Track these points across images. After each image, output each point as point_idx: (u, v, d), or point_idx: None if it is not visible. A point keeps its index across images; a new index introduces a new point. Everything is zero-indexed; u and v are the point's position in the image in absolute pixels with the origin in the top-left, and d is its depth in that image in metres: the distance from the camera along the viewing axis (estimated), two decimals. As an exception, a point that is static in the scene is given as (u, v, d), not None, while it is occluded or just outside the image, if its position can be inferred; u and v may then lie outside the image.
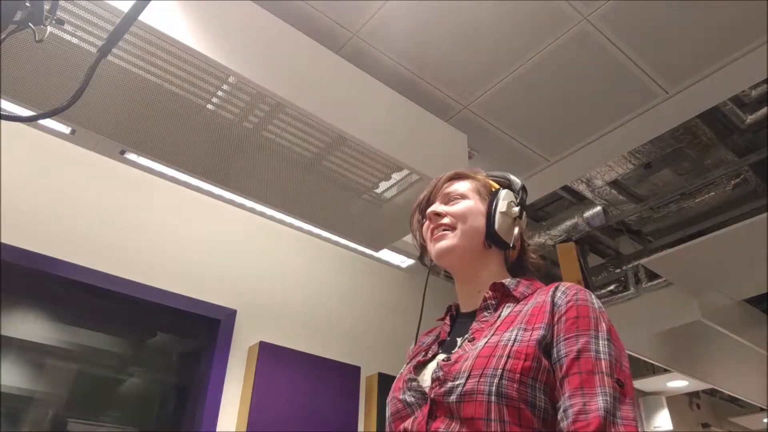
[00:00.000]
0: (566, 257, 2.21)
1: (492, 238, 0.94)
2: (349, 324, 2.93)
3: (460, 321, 0.95)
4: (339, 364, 2.66)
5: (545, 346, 0.77)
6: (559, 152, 2.51)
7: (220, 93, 1.68)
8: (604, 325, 0.78)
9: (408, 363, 0.95)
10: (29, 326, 2.02)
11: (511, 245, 0.96)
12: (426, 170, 1.97)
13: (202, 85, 1.64)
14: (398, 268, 3.18)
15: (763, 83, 2.34)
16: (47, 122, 1.75)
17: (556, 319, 0.79)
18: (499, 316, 0.85)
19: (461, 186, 1.00)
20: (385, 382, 2.80)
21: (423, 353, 0.92)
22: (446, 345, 0.91)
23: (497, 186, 1.01)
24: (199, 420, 2.18)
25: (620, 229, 3.59)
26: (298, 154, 1.91)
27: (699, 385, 4.70)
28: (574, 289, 0.83)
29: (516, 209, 0.98)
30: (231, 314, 2.46)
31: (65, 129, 1.82)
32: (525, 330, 0.78)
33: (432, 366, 0.85)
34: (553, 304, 0.81)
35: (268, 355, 2.40)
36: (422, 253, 1.05)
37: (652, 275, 3.49)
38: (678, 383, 4.59)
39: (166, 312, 2.32)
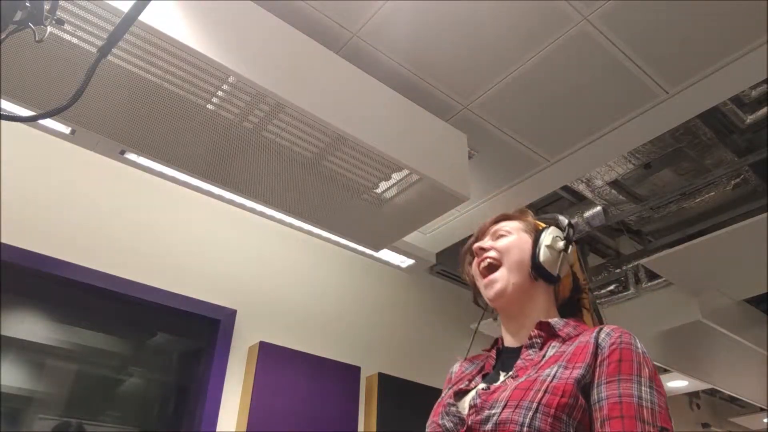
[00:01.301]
0: (566, 257, 2.21)
1: (537, 269, 0.95)
2: (349, 324, 2.93)
3: (505, 356, 0.96)
4: (339, 364, 2.66)
5: (584, 385, 0.77)
6: (559, 152, 2.51)
7: (220, 93, 1.68)
8: (647, 371, 0.78)
9: (449, 388, 0.96)
10: (29, 326, 2.02)
11: (557, 276, 0.96)
12: (426, 170, 1.97)
13: (202, 85, 1.65)
14: (398, 268, 3.18)
15: (763, 83, 2.34)
16: (47, 122, 1.75)
17: (598, 361, 0.79)
18: (544, 356, 0.86)
19: (508, 225, 1.03)
20: (384, 382, 2.80)
21: (466, 382, 0.94)
22: (489, 378, 0.92)
23: (544, 225, 1.03)
24: (199, 420, 2.18)
25: (620, 229, 3.59)
26: (298, 154, 1.91)
27: (699, 385, 4.70)
28: (619, 331, 0.83)
29: (561, 243, 0.99)
30: (231, 314, 2.46)
31: (65, 129, 1.82)
32: (565, 368, 0.79)
33: (472, 394, 0.87)
34: (596, 345, 0.82)
35: (268, 355, 2.40)
36: (475, 294, 1.06)
37: (652, 275, 3.49)
38: (678, 383, 4.59)
39: (166, 312, 2.32)
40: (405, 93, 2.14)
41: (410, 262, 3.06)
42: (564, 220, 1.06)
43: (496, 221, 1.05)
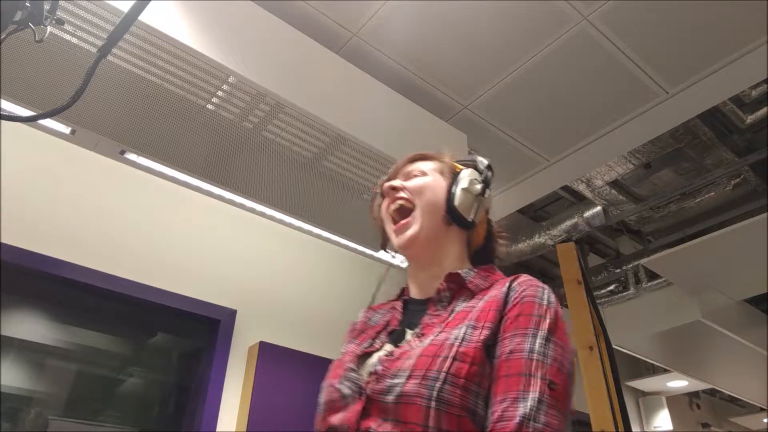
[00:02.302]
0: (566, 257, 2.20)
1: (451, 213, 0.88)
2: (349, 324, 2.92)
3: (412, 309, 0.89)
4: (339, 364, 2.66)
5: (489, 347, 0.71)
6: (559, 152, 2.51)
7: (220, 93, 1.68)
8: (547, 322, 0.71)
9: (351, 342, 0.89)
10: (29, 326, 2.02)
11: (471, 222, 0.90)
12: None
13: (202, 85, 1.64)
14: (398, 268, 3.17)
15: (763, 83, 2.34)
16: (47, 122, 1.75)
17: (503, 316, 0.74)
18: (453, 311, 0.80)
19: (423, 165, 0.95)
20: (385, 382, 2.79)
21: (369, 341, 0.86)
22: (395, 335, 0.84)
23: (461, 167, 0.96)
24: (199, 420, 2.18)
25: (620, 229, 3.59)
26: (298, 154, 1.91)
27: (699, 385, 4.70)
28: (526, 284, 0.77)
29: (479, 186, 0.93)
30: (231, 314, 2.46)
31: (65, 129, 1.82)
32: (474, 328, 0.73)
33: (375, 358, 0.79)
34: (505, 301, 0.76)
35: (268, 355, 2.40)
36: (383, 240, 0.98)
37: (652, 275, 3.49)
38: (678, 383, 4.59)
39: (166, 312, 2.32)
40: (405, 93, 2.14)
41: (410, 262, 3.05)
42: (483, 161, 0.99)
43: (412, 160, 0.97)
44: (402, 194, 0.90)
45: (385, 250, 1.00)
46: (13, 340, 1.96)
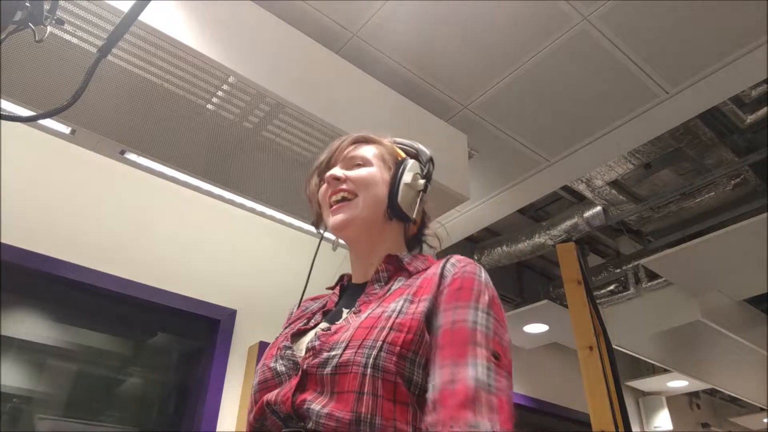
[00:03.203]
0: (566, 257, 2.21)
1: (394, 209, 0.89)
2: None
3: (349, 292, 0.91)
4: (339, 364, 2.66)
5: (428, 318, 0.72)
6: (559, 152, 2.51)
7: (220, 93, 1.68)
8: (486, 297, 0.74)
9: (285, 328, 0.89)
10: (29, 326, 2.02)
11: (413, 219, 0.91)
12: (426, 170, 1.97)
13: (202, 85, 1.64)
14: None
15: (763, 83, 2.34)
16: (47, 122, 1.75)
17: (440, 290, 0.75)
18: (389, 289, 0.81)
19: (366, 151, 0.93)
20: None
21: (305, 321, 0.87)
22: (331, 315, 0.86)
23: (404, 155, 0.96)
24: (199, 420, 2.18)
25: (620, 229, 3.59)
26: (298, 154, 1.91)
27: (699, 385, 4.70)
28: (464, 261, 0.79)
29: (421, 182, 0.93)
30: (231, 314, 2.46)
31: (65, 129, 1.82)
32: (411, 302, 0.74)
33: (311, 335, 0.79)
34: (441, 276, 0.77)
35: (268, 355, 2.40)
36: (317, 220, 0.99)
37: (652, 275, 3.49)
38: (678, 383, 4.59)
39: (166, 312, 2.32)
40: (405, 93, 2.14)
41: (410, 262, 3.05)
42: (425, 152, 0.98)
43: (354, 142, 0.94)
44: (345, 186, 0.89)
45: (317, 230, 1.01)
46: (13, 340, 1.96)
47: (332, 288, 0.96)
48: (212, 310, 2.41)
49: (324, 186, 0.92)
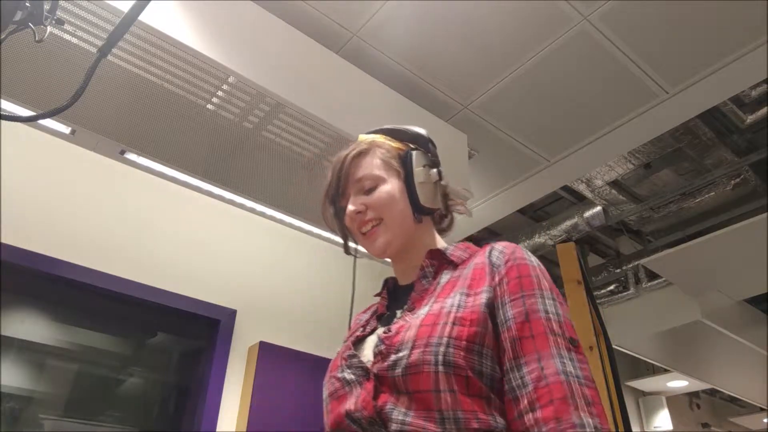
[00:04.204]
0: (566, 257, 2.21)
1: (420, 212, 0.89)
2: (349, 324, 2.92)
3: (398, 294, 0.91)
4: (339, 364, 2.66)
5: (490, 309, 0.73)
6: (559, 152, 2.51)
7: (220, 93, 1.68)
8: (546, 283, 0.75)
9: (345, 342, 0.89)
10: (29, 326, 2.02)
11: (441, 209, 0.93)
12: (426, 170, 1.97)
13: (202, 85, 1.64)
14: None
15: (763, 83, 2.34)
16: (47, 122, 1.75)
17: (497, 280, 0.75)
18: (439, 283, 0.82)
19: (369, 166, 0.90)
20: (385, 382, 2.79)
21: (361, 329, 0.87)
22: (385, 319, 0.87)
23: (402, 146, 0.94)
24: (199, 420, 2.18)
25: (620, 229, 3.59)
26: (298, 154, 1.91)
27: (699, 385, 4.70)
28: (511, 248, 0.80)
29: (434, 171, 0.92)
30: (231, 314, 2.46)
31: (65, 129, 1.82)
32: (467, 295, 0.75)
33: (372, 340, 0.80)
34: (491, 265, 0.78)
35: (268, 355, 2.40)
36: (345, 242, 0.99)
37: (652, 275, 3.49)
38: (678, 383, 4.59)
39: (166, 312, 2.32)
40: (405, 93, 2.14)
41: (410, 262, 3.05)
42: (422, 135, 0.96)
43: (355, 158, 0.92)
44: (368, 216, 0.88)
45: (347, 252, 1.01)
46: (13, 340, 1.96)
47: (379, 294, 0.96)
48: (212, 310, 2.41)
49: (347, 219, 0.91)
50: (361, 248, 0.97)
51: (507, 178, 2.66)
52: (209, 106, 1.72)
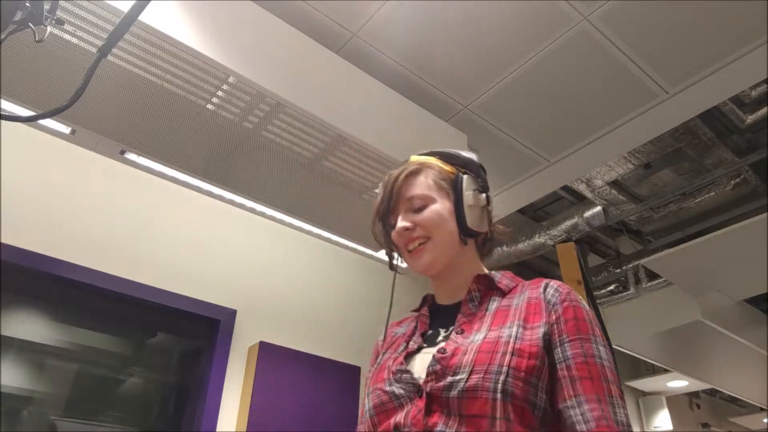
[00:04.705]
0: (566, 257, 2.21)
1: (467, 234, 0.92)
2: (349, 324, 2.93)
3: (442, 313, 0.92)
4: (339, 364, 2.66)
5: (546, 345, 0.76)
6: (559, 152, 2.51)
7: (220, 93, 1.68)
8: (597, 329, 0.79)
9: (384, 354, 0.90)
10: (29, 326, 2.02)
11: (487, 233, 0.95)
12: (426, 170, 1.97)
13: (202, 85, 1.64)
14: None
15: (763, 83, 2.34)
16: (47, 122, 1.75)
17: (554, 318, 0.78)
18: (488, 309, 0.84)
19: (420, 186, 0.93)
20: (385, 382, 2.79)
21: (405, 344, 0.88)
22: (429, 337, 0.88)
23: (453, 170, 0.96)
24: (199, 420, 2.18)
25: (620, 229, 3.59)
26: (298, 154, 1.91)
27: (699, 385, 4.70)
28: (566, 288, 0.83)
29: (483, 196, 0.95)
30: (231, 314, 2.46)
31: (65, 129, 1.82)
32: (524, 328, 0.77)
33: (423, 358, 0.81)
34: (547, 302, 0.81)
35: (268, 355, 2.40)
36: (391, 258, 1.00)
37: (652, 275, 3.49)
38: (678, 383, 4.59)
39: (166, 312, 2.32)
40: (405, 93, 2.14)
41: (410, 262, 3.05)
42: (473, 160, 0.98)
43: (408, 177, 0.94)
44: (416, 234, 0.90)
45: (392, 268, 1.01)
46: (13, 340, 1.96)
47: (417, 310, 0.97)
48: (212, 310, 2.41)
49: (396, 235, 0.93)
50: (403, 264, 0.99)
51: (507, 178, 2.66)
52: (209, 106, 1.72)
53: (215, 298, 2.44)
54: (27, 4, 0.81)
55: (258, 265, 2.68)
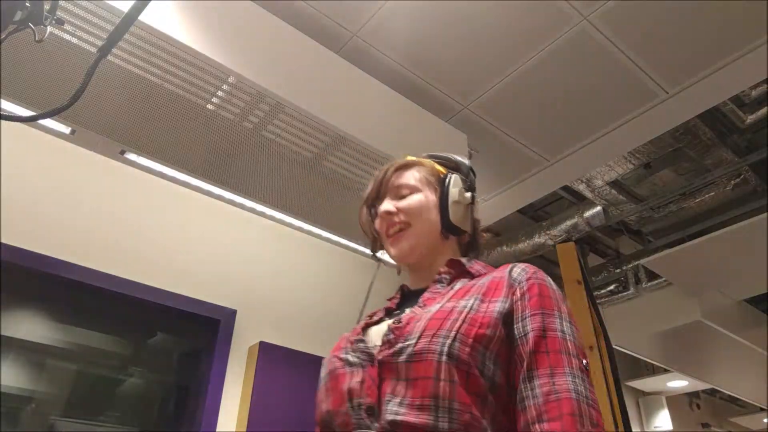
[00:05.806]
0: (566, 257, 2.21)
1: (448, 229, 0.93)
2: (349, 323, 2.91)
3: (411, 295, 0.94)
4: (339, 364, 2.66)
5: (505, 318, 0.75)
6: (559, 152, 2.51)
7: (220, 93, 1.68)
8: (564, 306, 0.78)
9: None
10: (29, 326, 2.02)
11: (468, 232, 0.96)
12: (426, 170, 1.97)
13: (202, 85, 1.65)
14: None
15: (763, 83, 2.34)
16: (47, 122, 1.75)
17: (518, 294, 0.77)
18: (452, 288, 0.84)
19: (409, 177, 0.96)
20: (385, 382, 2.79)
21: (368, 318, 0.91)
22: (394, 314, 0.89)
23: (444, 170, 0.98)
24: (199, 420, 2.18)
25: (620, 229, 3.59)
26: (298, 154, 1.91)
27: (699, 385, 4.70)
28: (532, 268, 0.82)
29: (468, 195, 0.96)
30: (231, 314, 2.46)
31: (65, 129, 1.82)
32: (482, 301, 0.77)
33: (380, 329, 0.82)
34: (511, 278, 0.80)
35: (268, 355, 2.40)
36: (374, 247, 1.03)
37: (652, 275, 3.49)
38: (678, 383, 4.59)
39: (166, 312, 2.32)
40: (405, 93, 2.14)
41: (410, 262, 3.05)
42: (464, 163, 1.01)
43: (397, 169, 0.98)
44: (398, 218, 0.93)
45: (375, 257, 1.04)
46: (13, 340, 1.96)
47: (392, 298, 0.98)
48: (212, 310, 2.41)
49: (378, 220, 0.96)
50: (386, 258, 1.00)
51: (507, 178, 2.66)
52: (209, 106, 1.72)
53: (215, 298, 2.44)
54: (27, 4, 0.81)
55: (258, 265, 2.68)
